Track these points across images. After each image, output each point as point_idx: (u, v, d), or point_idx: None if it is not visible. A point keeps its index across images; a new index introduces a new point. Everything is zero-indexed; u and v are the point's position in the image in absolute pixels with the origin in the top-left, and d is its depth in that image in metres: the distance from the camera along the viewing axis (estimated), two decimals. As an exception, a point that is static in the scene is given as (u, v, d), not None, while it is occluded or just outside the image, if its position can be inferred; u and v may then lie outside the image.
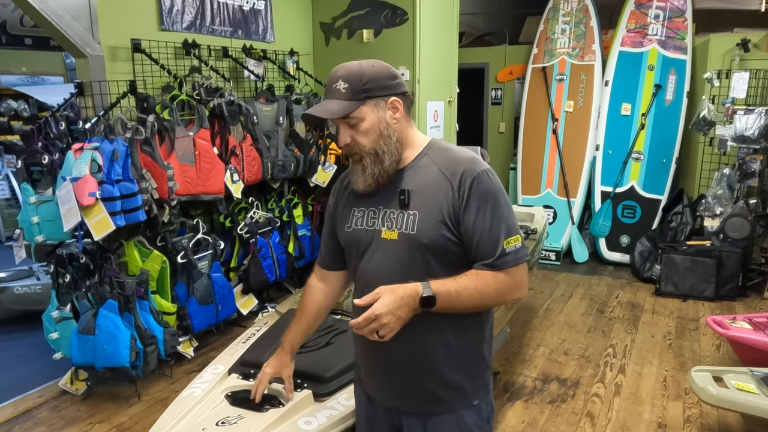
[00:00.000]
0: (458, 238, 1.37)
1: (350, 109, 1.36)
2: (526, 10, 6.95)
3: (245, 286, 3.97)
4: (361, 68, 1.39)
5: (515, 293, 1.39)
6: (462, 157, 1.41)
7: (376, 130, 1.39)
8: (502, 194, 1.39)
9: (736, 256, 4.50)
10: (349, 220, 1.50)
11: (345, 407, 1.89)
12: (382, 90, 1.39)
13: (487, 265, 1.35)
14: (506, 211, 1.38)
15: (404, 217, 1.39)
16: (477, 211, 1.34)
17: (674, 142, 5.30)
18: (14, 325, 4.17)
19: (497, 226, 1.34)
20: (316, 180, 4.43)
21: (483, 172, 1.37)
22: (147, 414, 2.97)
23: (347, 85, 1.37)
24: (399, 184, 1.43)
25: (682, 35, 5.30)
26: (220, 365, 2.18)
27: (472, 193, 1.35)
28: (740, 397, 2.55)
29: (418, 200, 1.39)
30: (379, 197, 1.45)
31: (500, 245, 1.34)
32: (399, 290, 1.27)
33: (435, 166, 1.41)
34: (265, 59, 4.22)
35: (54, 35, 3.11)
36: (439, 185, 1.38)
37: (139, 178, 3.05)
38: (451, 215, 1.36)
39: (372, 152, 1.40)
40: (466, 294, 1.32)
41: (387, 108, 1.40)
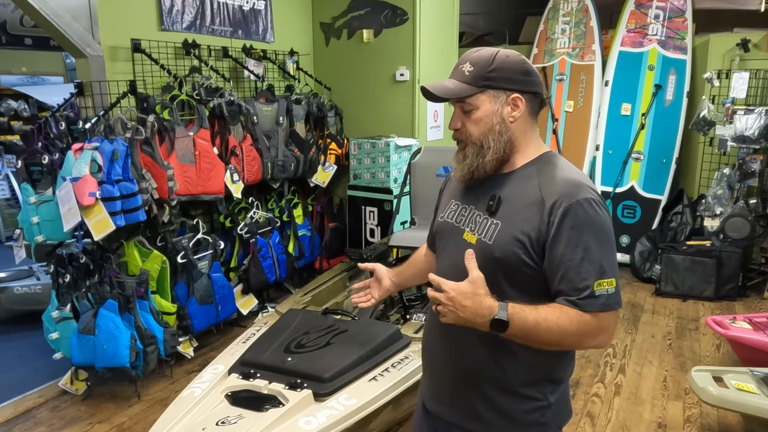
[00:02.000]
0: (536, 262, 1.26)
1: (465, 93, 1.30)
2: (526, 10, 6.94)
3: (245, 286, 3.97)
4: (494, 56, 1.31)
5: (598, 339, 1.24)
6: (565, 179, 1.27)
7: (488, 123, 1.31)
8: (603, 230, 1.24)
9: (736, 256, 4.49)
10: (445, 209, 1.47)
11: (345, 407, 1.89)
12: (507, 83, 1.30)
13: (571, 301, 1.21)
14: (604, 248, 1.23)
15: (487, 224, 1.32)
16: (568, 242, 1.21)
17: (674, 142, 5.30)
18: (14, 325, 4.17)
19: (590, 264, 1.21)
20: (316, 180, 4.43)
21: (584, 201, 1.23)
22: (147, 414, 2.97)
23: (473, 68, 1.30)
24: (495, 188, 1.34)
25: (682, 35, 5.30)
26: (220, 365, 2.18)
27: (565, 222, 1.22)
28: (740, 397, 2.55)
29: (506, 211, 1.30)
30: (475, 196, 1.39)
31: (590, 284, 1.20)
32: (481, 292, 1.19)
33: (535, 180, 1.30)
34: (265, 59, 4.22)
35: (54, 35, 3.11)
36: (531, 202, 1.27)
37: (139, 178, 3.05)
38: (533, 237, 1.25)
39: (477, 143, 1.32)
40: (544, 327, 1.20)
41: (507, 103, 1.31)
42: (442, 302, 1.19)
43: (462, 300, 1.18)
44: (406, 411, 2.35)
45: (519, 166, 1.34)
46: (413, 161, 3.46)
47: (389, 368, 2.15)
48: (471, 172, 1.35)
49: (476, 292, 1.19)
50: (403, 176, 3.69)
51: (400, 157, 4.49)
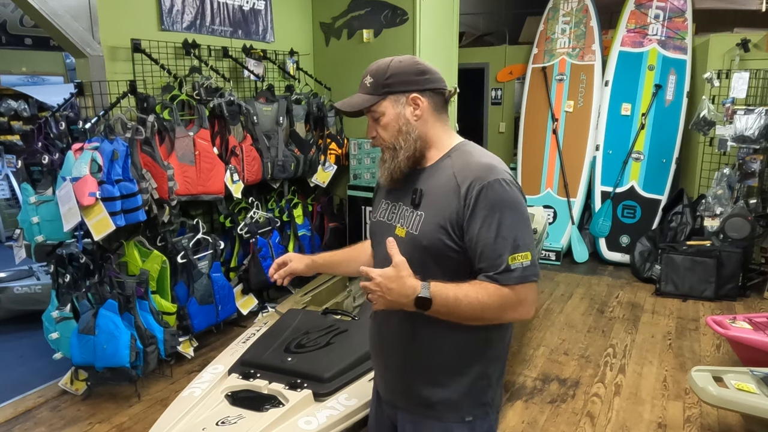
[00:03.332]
0: (459, 245, 1.33)
1: (369, 103, 1.40)
2: (526, 10, 6.95)
3: (245, 286, 3.97)
4: (389, 64, 1.43)
5: (518, 311, 1.31)
6: (477, 164, 1.36)
7: (395, 126, 1.40)
8: (514, 206, 1.31)
9: (736, 256, 4.50)
10: (377, 210, 1.55)
11: (345, 407, 1.89)
12: (404, 85, 1.40)
13: (489, 277, 1.29)
14: (516, 224, 1.30)
15: (413, 217, 1.40)
16: (482, 221, 1.29)
17: (674, 142, 5.30)
18: (14, 325, 4.17)
19: (503, 240, 1.28)
20: (316, 180, 4.43)
21: (495, 182, 1.30)
22: (147, 414, 2.97)
23: (372, 79, 1.42)
24: (416, 183, 1.43)
25: (682, 35, 5.30)
26: (220, 365, 2.18)
27: (479, 203, 1.29)
28: (740, 397, 2.55)
29: (428, 202, 1.38)
30: (401, 194, 1.46)
31: (505, 259, 1.27)
32: (404, 273, 1.26)
33: (451, 170, 1.37)
34: (265, 59, 4.22)
35: (54, 35, 3.11)
36: (448, 190, 1.35)
37: (139, 178, 3.05)
38: (453, 222, 1.32)
39: (390, 146, 1.42)
40: (465, 302, 1.27)
41: (407, 104, 1.40)
42: (371, 289, 1.25)
43: (388, 283, 1.24)
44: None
45: (435, 160, 1.42)
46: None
47: (389, 368, 2.14)
48: (390, 174, 1.43)
49: (399, 274, 1.25)
50: (403, 176, 3.69)
51: (400, 157, 4.48)
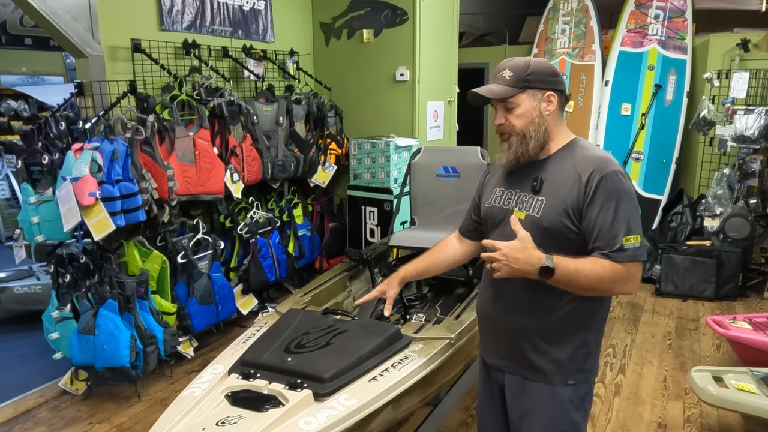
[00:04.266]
0: (577, 227, 1.53)
1: (509, 94, 1.57)
2: (526, 10, 6.94)
3: (245, 286, 3.97)
4: (528, 62, 1.59)
5: (627, 285, 1.50)
6: (595, 156, 1.56)
7: (529, 116, 1.58)
8: (629, 195, 1.51)
9: (736, 256, 4.49)
10: (490, 197, 1.73)
11: (345, 407, 1.89)
12: (542, 83, 1.58)
13: (604, 254, 1.47)
14: (630, 211, 1.50)
15: (533, 201, 1.59)
16: (601, 207, 1.48)
17: (674, 142, 5.30)
18: (14, 325, 4.17)
19: (618, 223, 1.47)
20: (316, 180, 4.43)
21: (613, 173, 1.50)
22: (147, 414, 2.97)
23: (512, 74, 1.58)
24: (536, 172, 1.61)
25: (682, 35, 5.30)
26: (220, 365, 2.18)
27: (599, 190, 1.49)
28: (740, 397, 2.55)
29: (548, 188, 1.57)
30: (518, 181, 1.65)
31: (619, 240, 1.46)
32: (529, 246, 1.46)
33: (570, 161, 1.57)
34: (265, 59, 4.22)
35: (54, 35, 3.11)
36: (569, 178, 1.55)
37: (139, 178, 3.05)
38: (573, 206, 1.52)
39: (520, 134, 1.59)
40: (583, 274, 1.46)
41: (543, 100, 1.58)
42: (497, 258, 1.45)
43: (514, 254, 1.45)
44: (406, 411, 2.34)
45: (553, 151, 1.62)
46: (413, 161, 3.46)
47: (389, 368, 2.15)
48: (517, 158, 1.61)
49: (525, 246, 1.46)
50: (403, 176, 3.69)
51: (400, 157, 4.49)
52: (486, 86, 1.62)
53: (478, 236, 1.85)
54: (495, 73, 1.63)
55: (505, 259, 1.45)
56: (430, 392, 2.43)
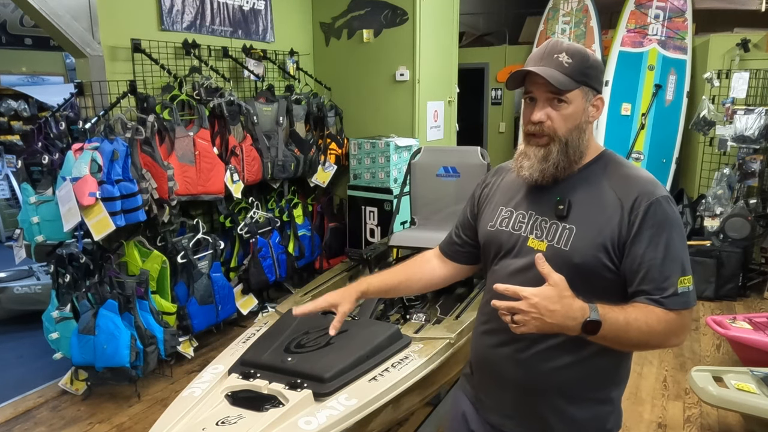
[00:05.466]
0: (616, 266, 1.23)
1: (571, 87, 1.24)
2: (526, 10, 6.95)
3: (245, 286, 3.97)
4: (587, 52, 1.28)
5: (680, 337, 1.23)
6: (638, 177, 1.27)
7: (576, 120, 1.26)
8: (679, 227, 1.24)
9: (736, 256, 4.49)
10: (494, 218, 1.39)
11: (345, 407, 1.89)
12: (597, 83, 1.30)
13: (655, 300, 1.19)
14: (683, 246, 1.23)
15: (558, 230, 1.27)
16: (650, 240, 1.20)
17: (674, 142, 5.30)
18: (14, 325, 4.17)
19: (671, 261, 1.20)
20: (316, 180, 4.43)
21: (663, 199, 1.23)
22: (147, 414, 2.97)
23: (572, 61, 1.24)
24: (560, 191, 1.30)
25: (682, 35, 5.30)
26: (220, 365, 2.18)
27: (647, 221, 1.21)
28: (740, 397, 2.55)
29: (579, 214, 1.26)
30: (532, 201, 1.33)
31: (673, 282, 1.19)
32: (567, 294, 1.13)
33: (605, 182, 1.28)
34: (265, 59, 4.22)
35: (54, 35, 3.11)
36: (606, 203, 1.25)
37: (139, 178, 3.05)
38: (614, 241, 1.22)
39: (563, 140, 1.26)
40: (635, 326, 1.16)
41: (592, 103, 1.29)
42: (524, 310, 1.12)
43: (549, 305, 1.12)
44: (406, 411, 2.34)
45: (581, 166, 1.31)
46: (413, 161, 3.47)
47: (389, 368, 2.15)
48: (555, 172, 1.28)
49: (562, 294, 1.13)
50: (403, 176, 3.69)
51: (400, 157, 4.49)
52: (542, 68, 1.24)
53: (464, 259, 1.56)
54: (547, 52, 1.25)
55: (535, 311, 1.11)
56: (430, 392, 2.43)
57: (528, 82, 1.27)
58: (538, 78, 1.22)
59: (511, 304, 1.13)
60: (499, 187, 1.45)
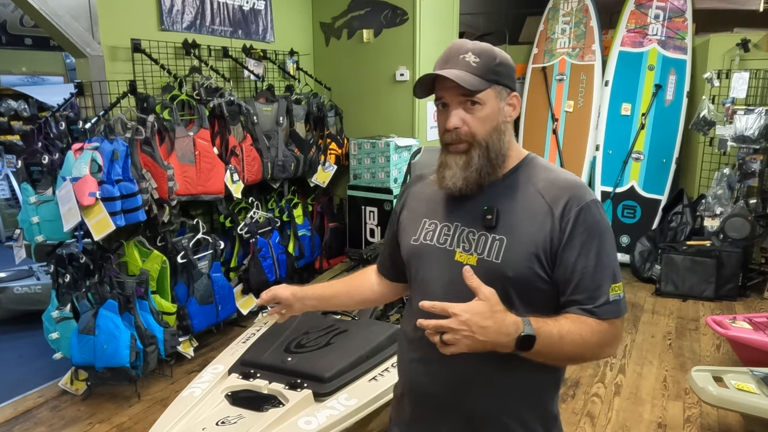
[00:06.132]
0: (550, 276, 1.17)
1: (481, 87, 1.16)
2: (526, 10, 6.94)
3: (245, 286, 3.97)
4: (493, 49, 1.20)
5: (613, 347, 1.18)
6: (566, 180, 1.20)
7: (493, 121, 1.19)
8: (609, 232, 1.18)
9: (736, 256, 4.49)
10: (417, 232, 1.29)
11: (345, 407, 1.89)
12: (509, 80, 1.21)
13: (587, 310, 1.14)
14: (612, 252, 1.18)
15: (487, 241, 1.19)
16: (581, 247, 1.14)
17: (674, 142, 5.30)
18: (14, 325, 4.17)
19: (603, 269, 1.15)
20: (316, 180, 4.43)
21: (592, 203, 1.16)
22: (147, 414, 2.97)
23: (479, 60, 1.17)
24: (486, 200, 1.21)
25: (682, 35, 5.30)
26: (220, 365, 2.18)
27: (577, 226, 1.14)
28: (740, 397, 2.55)
29: (508, 223, 1.18)
30: (458, 212, 1.24)
31: (604, 291, 1.14)
32: (499, 308, 1.06)
33: (533, 186, 1.20)
34: (265, 59, 4.22)
35: (54, 35, 3.11)
36: (536, 210, 1.17)
37: (139, 178, 3.05)
38: (547, 249, 1.15)
39: (483, 144, 1.18)
40: (569, 339, 1.10)
41: (507, 102, 1.21)
42: (453, 328, 1.02)
43: (480, 321, 1.03)
44: (406, 411, 2.34)
45: (505, 172, 1.23)
46: (413, 161, 3.47)
47: (389, 368, 2.15)
48: (480, 179, 1.20)
49: (494, 309, 1.05)
50: (403, 176, 3.69)
51: (400, 157, 4.49)
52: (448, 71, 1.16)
53: (395, 276, 1.46)
54: (452, 54, 1.18)
55: (466, 329, 1.02)
56: (430, 392, 2.43)
57: (437, 88, 1.20)
58: (447, 82, 1.15)
59: (439, 323, 1.03)
60: (422, 197, 1.34)
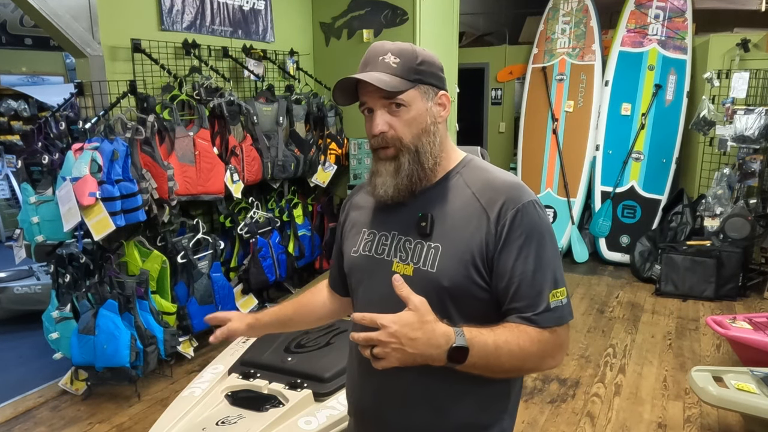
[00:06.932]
0: (488, 283, 1.11)
1: (402, 87, 1.11)
2: (526, 10, 6.95)
3: (245, 286, 3.98)
4: (414, 48, 1.15)
5: (557, 358, 1.11)
6: (503, 182, 1.14)
7: (421, 123, 1.13)
8: (549, 233, 1.12)
9: (736, 256, 4.49)
10: (357, 243, 1.25)
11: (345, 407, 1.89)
12: (434, 78, 1.16)
13: (526, 319, 1.07)
14: (553, 255, 1.11)
15: (422, 250, 1.14)
16: (518, 251, 1.08)
17: (674, 142, 5.30)
18: (14, 325, 4.17)
19: (542, 274, 1.08)
20: (316, 180, 4.43)
21: (529, 204, 1.10)
22: (147, 414, 2.97)
23: (399, 60, 1.12)
24: (420, 205, 1.16)
25: (682, 35, 5.30)
26: (220, 365, 2.18)
27: (514, 229, 1.08)
28: (740, 397, 2.55)
29: (443, 230, 1.13)
30: (394, 220, 1.19)
31: (544, 297, 1.08)
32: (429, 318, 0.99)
33: (468, 189, 1.15)
34: (265, 59, 4.22)
35: (54, 35, 3.11)
36: (471, 214, 1.12)
37: (139, 178, 3.05)
38: (483, 254, 1.10)
39: (412, 148, 1.13)
40: (506, 350, 1.03)
41: (435, 102, 1.16)
42: (382, 341, 0.96)
43: (409, 332, 0.96)
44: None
45: (441, 176, 1.18)
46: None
47: (389, 368, 2.15)
48: (412, 185, 1.15)
49: (423, 319, 0.98)
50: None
51: (400, 157, 4.49)
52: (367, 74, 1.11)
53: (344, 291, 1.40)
54: (372, 57, 1.14)
55: (395, 341, 0.96)
56: (430, 392, 2.43)
57: (360, 93, 1.15)
58: (369, 86, 1.10)
59: (369, 335, 0.97)
60: (362, 206, 1.29)
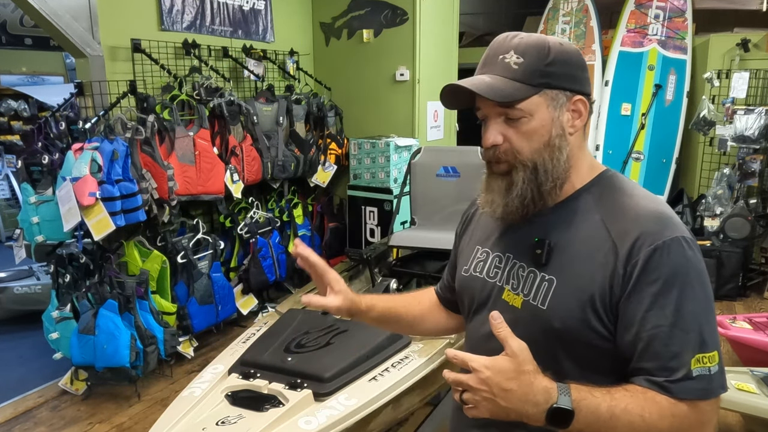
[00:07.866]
0: (610, 331, 0.91)
1: (521, 95, 0.93)
2: (526, 10, 6.95)
3: (245, 286, 3.97)
4: (547, 44, 0.95)
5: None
6: (643, 209, 0.92)
7: (544, 135, 0.95)
8: (699, 281, 0.89)
9: (736, 256, 4.49)
10: (470, 261, 1.10)
11: (345, 407, 1.89)
12: (569, 81, 0.96)
13: (658, 384, 0.86)
14: (703, 309, 0.88)
15: (535, 280, 0.97)
16: (652, 300, 0.87)
17: (674, 142, 5.30)
18: (14, 325, 4.17)
19: (684, 331, 0.86)
20: (316, 180, 4.43)
21: (674, 241, 0.88)
22: (147, 414, 2.97)
23: (522, 60, 0.94)
24: (540, 228, 0.99)
25: (682, 35, 5.30)
26: (220, 365, 2.18)
27: (649, 272, 0.87)
28: (740, 397, 2.55)
29: (561, 261, 0.95)
30: (510, 241, 1.03)
31: (685, 361, 0.86)
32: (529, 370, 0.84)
33: (597, 215, 0.95)
34: (265, 59, 4.22)
35: (54, 35, 3.11)
36: (597, 246, 0.92)
37: (139, 178, 3.05)
38: (606, 298, 0.90)
39: (529, 165, 0.96)
40: (625, 421, 0.84)
41: (568, 109, 0.96)
42: (472, 387, 0.84)
43: (502, 382, 0.83)
44: (406, 411, 2.35)
45: (569, 194, 0.99)
46: (413, 161, 3.47)
47: (389, 368, 2.15)
48: (524, 207, 0.97)
49: (521, 369, 0.83)
50: (403, 176, 3.70)
51: (400, 157, 4.49)
52: (478, 78, 0.97)
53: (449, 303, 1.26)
54: (492, 54, 0.98)
55: (486, 390, 0.83)
56: (430, 392, 2.43)
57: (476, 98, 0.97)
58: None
59: (459, 377, 0.85)
60: (480, 220, 1.13)
